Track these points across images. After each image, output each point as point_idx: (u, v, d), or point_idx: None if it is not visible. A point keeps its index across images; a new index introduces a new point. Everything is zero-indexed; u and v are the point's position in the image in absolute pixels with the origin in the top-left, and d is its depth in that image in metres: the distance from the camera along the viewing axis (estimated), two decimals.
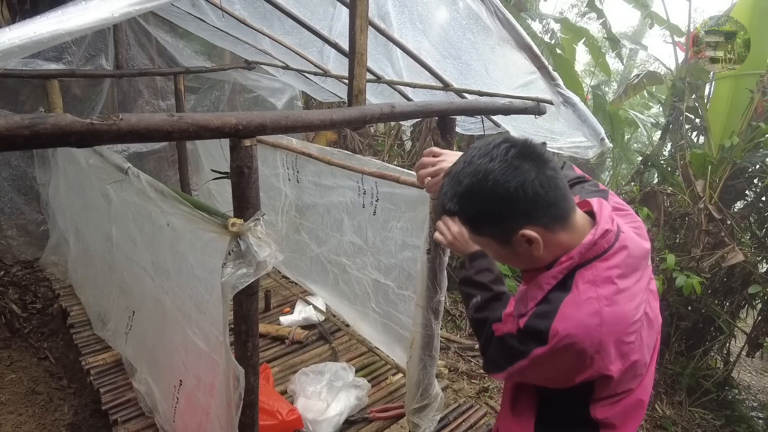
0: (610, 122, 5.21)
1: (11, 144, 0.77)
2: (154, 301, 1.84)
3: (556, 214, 0.92)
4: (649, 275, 1.02)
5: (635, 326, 0.92)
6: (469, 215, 0.95)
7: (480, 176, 0.91)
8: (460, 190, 0.93)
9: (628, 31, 10.13)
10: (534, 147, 0.92)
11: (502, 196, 0.89)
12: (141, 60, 3.65)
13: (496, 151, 0.91)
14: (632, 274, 0.95)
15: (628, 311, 0.91)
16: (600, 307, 0.89)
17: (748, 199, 3.66)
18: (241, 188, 1.15)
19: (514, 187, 0.88)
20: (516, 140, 0.93)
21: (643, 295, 0.96)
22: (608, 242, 0.94)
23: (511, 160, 0.89)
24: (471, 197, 0.93)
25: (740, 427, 3.14)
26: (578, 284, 0.92)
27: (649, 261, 1.03)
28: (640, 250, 0.98)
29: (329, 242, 2.66)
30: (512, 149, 0.90)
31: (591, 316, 0.88)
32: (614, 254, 0.94)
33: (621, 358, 0.90)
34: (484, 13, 1.48)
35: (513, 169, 0.89)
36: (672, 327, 3.50)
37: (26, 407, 2.62)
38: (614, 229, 0.96)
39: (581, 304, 0.90)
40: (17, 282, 3.40)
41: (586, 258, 0.93)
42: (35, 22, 1.06)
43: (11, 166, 3.41)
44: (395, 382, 2.34)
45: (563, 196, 0.93)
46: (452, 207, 0.95)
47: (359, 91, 1.43)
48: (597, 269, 0.92)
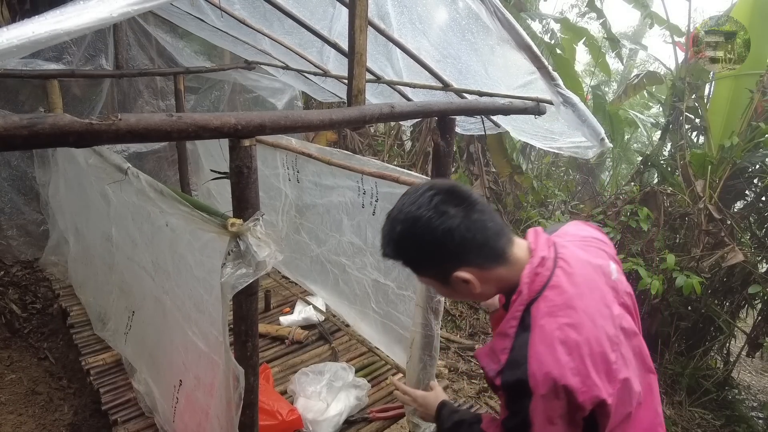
0: (610, 122, 5.22)
1: (10, 144, 0.77)
2: (153, 301, 1.84)
3: (489, 254, 0.95)
4: (615, 290, 0.99)
5: (612, 344, 0.90)
6: (406, 260, 1.00)
7: (409, 223, 0.94)
8: (395, 237, 0.97)
9: (628, 31, 10.14)
10: (460, 191, 0.96)
11: (430, 242, 0.93)
12: (141, 60, 3.65)
13: (422, 198, 0.95)
14: (590, 293, 0.94)
15: (597, 330, 0.90)
16: (565, 336, 0.88)
17: (748, 199, 3.66)
18: (240, 188, 1.15)
19: (441, 233, 0.92)
20: (441, 186, 0.97)
21: (612, 311, 0.95)
22: (548, 269, 0.95)
23: (437, 207, 0.93)
24: (404, 244, 0.97)
25: (740, 427, 3.14)
26: (536, 320, 0.91)
27: (613, 276, 1.01)
28: (590, 266, 0.98)
29: (329, 242, 2.66)
30: (437, 196, 0.94)
31: (560, 349, 0.87)
32: (560, 278, 0.94)
33: (609, 380, 0.87)
34: (483, 13, 1.47)
35: (439, 215, 0.92)
36: (672, 327, 3.50)
37: (26, 407, 2.62)
38: (550, 255, 0.97)
39: (546, 340, 0.88)
40: (17, 282, 3.40)
41: (535, 290, 0.93)
42: (34, 21, 1.06)
43: (11, 166, 3.41)
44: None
45: (495, 235, 0.95)
46: (389, 253, 1.00)
47: (359, 91, 1.43)
48: (549, 299, 0.92)
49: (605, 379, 0.87)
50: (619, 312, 0.96)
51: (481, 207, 0.95)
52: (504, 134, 4.52)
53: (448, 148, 1.65)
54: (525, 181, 5.28)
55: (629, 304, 1.02)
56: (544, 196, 5.72)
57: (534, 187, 5.47)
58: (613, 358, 0.89)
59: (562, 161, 6.63)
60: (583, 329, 0.88)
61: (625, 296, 1.02)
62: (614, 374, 0.88)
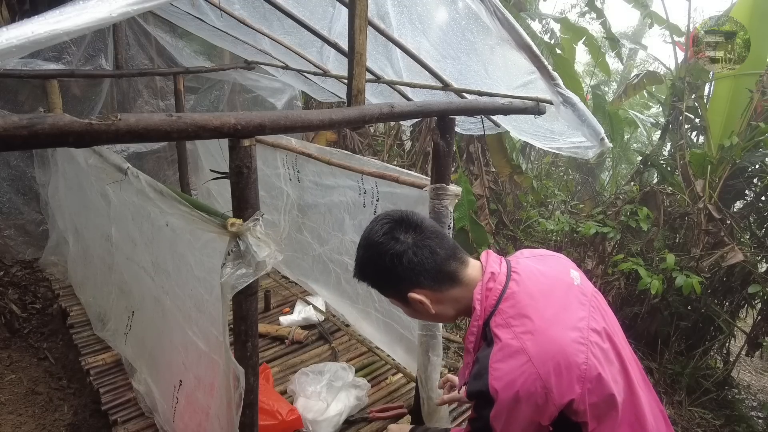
0: (609, 122, 5.22)
1: (9, 144, 0.77)
2: (153, 301, 1.84)
3: (439, 276, 1.02)
4: (582, 294, 1.03)
5: (577, 345, 0.91)
6: (369, 281, 1.09)
7: (367, 249, 1.05)
8: (358, 261, 1.08)
9: (628, 31, 10.15)
10: (410, 219, 1.04)
11: (382, 266, 1.02)
12: (140, 60, 3.65)
13: (377, 226, 1.05)
14: (546, 300, 0.97)
15: (558, 333, 0.92)
16: (522, 344, 0.90)
17: (748, 198, 3.66)
18: (240, 188, 1.15)
19: (389, 258, 1.00)
20: (393, 215, 1.06)
21: (576, 313, 0.97)
22: (501, 283, 1.00)
23: (388, 233, 1.02)
24: (364, 267, 1.07)
25: (740, 426, 3.14)
26: (496, 333, 0.95)
27: (576, 282, 1.05)
28: (546, 276, 1.03)
29: (331, 241, 2.66)
30: (387, 224, 1.04)
31: (518, 358, 0.90)
32: (513, 291, 0.98)
33: (579, 380, 0.89)
34: (483, 12, 1.47)
35: (389, 241, 1.01)
36: (672, 327, 3.50)
37: (26, 407, 2.62)
38: (501, 270, 1.02)
39: (505, 351, 0.92)
40: (17, 282, 3.40)
41: (490, 305, 0.98)
42: (33, 22, 1.06)
43: (10, 166, 3.41)
44: (395, 382, 2.34)
45: (445, 258, 1.02)
46: (357, 275, 1.09)
47: (359, 91, 1.43)
48: (504, 311, 0.96)
49: (570, 380, 0.88)
50: (585, 314, 0.98)
51: (431, 233, 1.03)
52: (504, 134, 4.53)
53: (448, 148, 1.65)
54: (525, 181, 5.28)
55: (600, 306, 1.04)
56: (544, 196, 5.72)
57: (534, 187, 5.47)
58: (581, 359, 0.90)
59: (561, 161, 6.64)
60: (540, 335, 0.91)
61: (594, 298, 1.05)
62: (583, 374, 0.89)
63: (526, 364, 0.88)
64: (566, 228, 4.18)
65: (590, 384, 0.89)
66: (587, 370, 0.89)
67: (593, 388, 0.90)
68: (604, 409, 0.92)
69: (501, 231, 5.01)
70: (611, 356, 0.96)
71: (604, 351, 0.94)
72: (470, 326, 1.00)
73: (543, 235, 4.94)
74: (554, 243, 4.91)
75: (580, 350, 0.90)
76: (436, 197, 1.67)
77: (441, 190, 1.66)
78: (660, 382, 3.39)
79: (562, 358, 0.89)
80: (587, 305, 1.00)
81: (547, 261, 1.11)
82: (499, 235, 4.93)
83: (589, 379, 0.89)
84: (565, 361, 0.89)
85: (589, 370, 0.89)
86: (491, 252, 1.09)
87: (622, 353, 1.00)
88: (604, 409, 0.92)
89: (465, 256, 1.07)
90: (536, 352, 0.89)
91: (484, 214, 4.61)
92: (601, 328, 0.98)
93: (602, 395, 0.91)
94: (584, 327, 0.94)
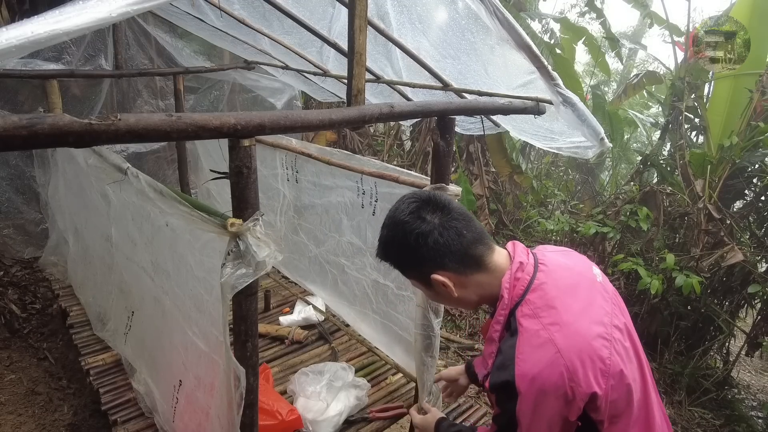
0: (609, 122, 5.22)
1: (9, 144, 0.77)
2: (153, 301, 1.83)
3: (465, 260, 0.99)
4: (605, 290, 1.02)
5: (602, 340, 0.91)
6: (392, 261, 1.06)
7: (392, 228, 1.02)
8: (382, 240, 1.05)
9: (628, 31, 10.15)
10: (437, 200, 1.02)
11: (407, 246, 0.99)
12: (140, 60, 3.65)
13: (404, 205, 1.02)
14: (573, 293, 0.96)
15: (584, 327, 0.91)
16: (550, 335, 0.89)
17: (748, 198, 3.66)
18: (239, 188, 1.15)
19: (414, 237, 0.97)
20: (421, 195, 1.03)
21: (601, 308, 0.96)
22: (528, 273, 0.98)
23: (413, 213, 0.99)
24: (388, 246, 1.04)
25: (740, 426, 3.14)
26: (521, 323, 0.93)
27: (598, 278, 1.04)
28: (571, 270, 1.02)
29: (328, 243, 2.66)
30: (414, 203, 1.01)
31: (546, 349, 0.88)
32: (541, 281, 0.97)
33: (601, 374, 0.88)
34: (483, 12, 1.47)
35: (415, 220, 0.98)
36: (672, 326, 3.50)
37: (26, 407, 2.62)
38: (528, 261, 1.01)
39: (532, 342, 0.90)
40: (17, 282, 3.40)
41: (517, 295, 0.96)
42: (33, 22, 1.06)
43: (9, 165, 3.41)
44: (395, 382, 2.34)
45: (471, 242, 0.99)
46: (380, 254, 1.07)
47: (358, 91, 1.43)
48: (532, 302, 0.95)
49: (595, 374, 0.88)
50: (609, 310, 0.98)
51: (458, 215, 1.00)
52: (504, 134, 4.53)
53: (448, 148, 1.65)
54: (525, 181, 5.28)
55: (619, 304, 1.04)
56: (544, 196, 5.72)
57: (534, 187, 5.47)
58: (605, 354, 0.90)
59: (561, 161, 6.64)
60: (567, 327, 0.90)
61: (615, 296, 1.04)
62: (607, 369, 0.89)
63: (554, 356, 0.87)
64: (566, 228, 4.18)
65: (613, 380, 0.89)
66: (611, 365, 0.89)
67: (616, 384, 0.90)
68: (621, 407, 0.92)
69: (501, 231, 5.01)
70: (631, 354, 0.96)
71: (625, 348, 0.95)
72: (496, 315, 0.98)
73: (543, 235, 4.94)
74: (554, 243, 4.91)
75: (605, 345, 0.90)
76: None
77: (441, 189, 1.66)
78: (660, 382, 3.39)
79: (588, 351, 0.88)
80: (610, 302, 1.00)
81: (571, 256, 1.09)
82: (499, 235, 4.93)
83: (612, 375, 0.89)
84: (591, 354, 0.88)
85: (613, 366, 0.89)
86: (518, 242, 1.07)
87: (639, 352, 1.00)
88: (621, 407, 0.92)
89: (492, 243, 1.04)
90: (564, 344, 0.88)
91: (484, 214, 4.61)
92: (623, 326, 0.98)
93: (622, 392, 0.91)
94: (608, 323, 0.94)
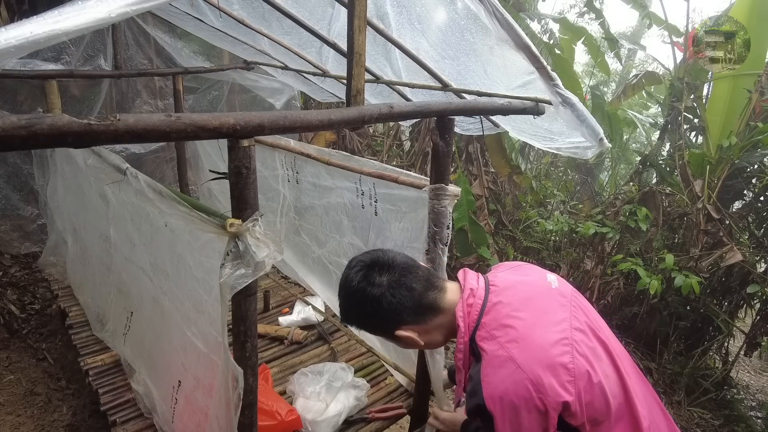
0: (608, 122, 5.23)
1: (8, 145, 0.77)
2: (152, 301, 1.83)
3: (420, 310, 1.04)
4: (561, 295, 1.04)
5: (561, 346, 0.92)
6: (357, 326, 1.11)
7: (346, 298, 1.08)
8: (341, 308, 1.10)
9: (627, 32, 10.16)
10: (382, 261, 1.05)
11: (364, 312, 1.04)
12: (139, 60, 3.65)
13: (352, 273, 1.06)
14: (527, 305, 0.99)
15: (541, 337, 0.93)
16: (508, 353, 0.92)
17: (747, 198, 3.66)
18: (239, 188, 1.15)
19: (369, 305, 1.02)
20: (364, 259, 1.07)
21: (557, 315, 0.98)
22: (480, 297, 1.01)
23: (363, 279, 1.04)
24: (348, 313, 1.09)
25: (739, 426, 3.14)
26: (482, 347, 0.96)
27: (554, 285, 1.06)
28: (522, 283, 1.05)
29: (329, 244, 2.65)
30: (361, 270, 1.05)
31: (507, 367, 0.91)
32: (494, 303, 1.00)
33: (569, 381, 0.89)
34: (482, 13, 1.47)
35: (366, 287, 1.03)
36: (671, 327, 3.50)
37: (25, 408, 2.62)
38: (479, 285, 1.04)
39: (493, 363, 0.93)
40: (16, 282, 3.40)
41: (472, 321, 1.00)
42: (32, 22, 1.05)
43: (7, 163, 3.41)
44: (394, 382, 2.34)
45: (423, 291, 1.04)
46: (345, 320, 1.11)
47: (358, 92, 1.43)
48: (487, 325, 0.98)
49: (561, 383, 0.89)
50: (566, 315, 0.99)
51: (404, 269, 1.04)
52: (503, 134, 4.53)
53: (447, 149, 1.65)
54: (524, 182, 5.28)
55: (581, 305, 1.06)
56: (543, 196, 5.72)
57: (533, 188, 5.47)
58: (567, 360, 0.91)
59: (560, 161, 6.64)
60: (524, 341, 0.92)
61: (575, 298, 1.06)
62: (572, 374, 0.90)
63: (515, 372, 0.89)
64: (565, 228, 4.18)
65: (582, 382, 0.90)
66: (575, 369, 0.90)
67: (586, 386, 0.90)
68: (599, 408, 0.93)
69: (500, 231, 5.01)
70: (599, 352, 0.97)
71: (591, 348, 0.95)
72: (457, 344, 1.01)
73: (542, 235, 4.94)
74: (553, 243, 4.92)
75: (565, 351, 0.91)
76: (435, 198, 1.67)
77: (440, 190, 1.66)
78: (659, 382, 3.40)
79: (548, 360, 0.90)
80: (568, 306, 1.01)
81: (522, 270, 1.13)
82: (498, 236, 4.93)
83: (579, 378, 0.90)
84: (551, 363, 0.90)
85: (578, 369, 0.90)
86: (468, 270, 1.11)
87: (610, 347, 1.00)
88: (599, 408, 0.93)
89: (442, 283, 1.09)
90: (523, 358, 0.90)
91: (483, 215, 4.61)
92: (585, 326, 0.99)
93: (595, 393, 0.92)
94: (567, 328, 0.96)
